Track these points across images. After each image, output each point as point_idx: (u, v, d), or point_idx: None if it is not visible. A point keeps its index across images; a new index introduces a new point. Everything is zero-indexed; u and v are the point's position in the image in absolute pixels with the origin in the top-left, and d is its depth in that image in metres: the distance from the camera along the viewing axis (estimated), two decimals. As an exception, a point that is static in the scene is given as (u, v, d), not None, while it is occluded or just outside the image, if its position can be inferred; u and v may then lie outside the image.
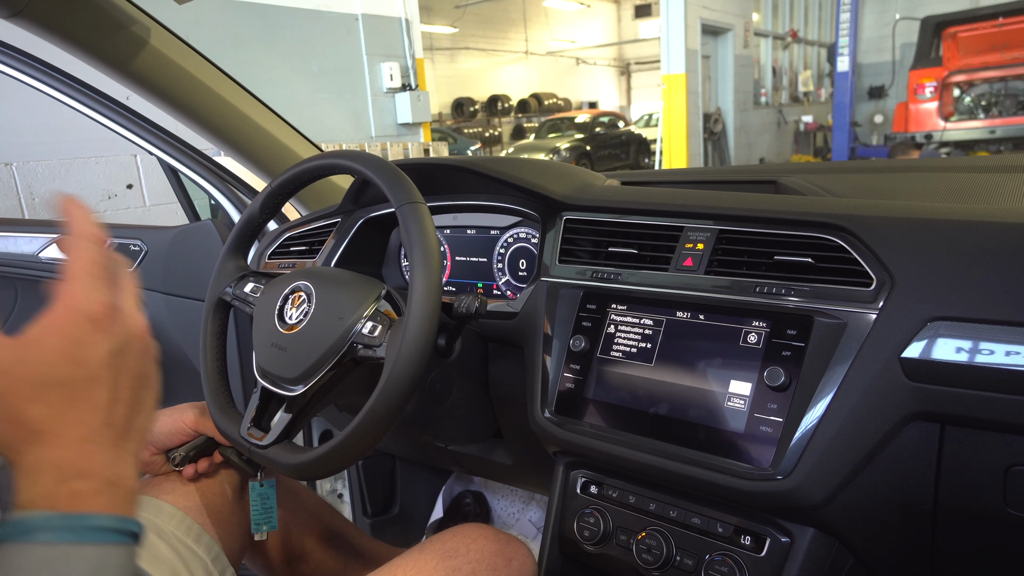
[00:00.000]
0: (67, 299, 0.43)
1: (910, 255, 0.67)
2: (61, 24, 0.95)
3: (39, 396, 0.40)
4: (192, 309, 1.44)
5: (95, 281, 0.44)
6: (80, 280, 0.43)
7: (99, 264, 0.44)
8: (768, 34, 11.81)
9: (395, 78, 5.66)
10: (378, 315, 0.81)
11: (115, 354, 0.44)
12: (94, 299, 0.43)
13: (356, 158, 0.86)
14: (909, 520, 0.68)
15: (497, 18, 16.17)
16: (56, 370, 0.41)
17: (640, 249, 0.85)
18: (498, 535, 0.89)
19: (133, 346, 0.46)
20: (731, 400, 0.72)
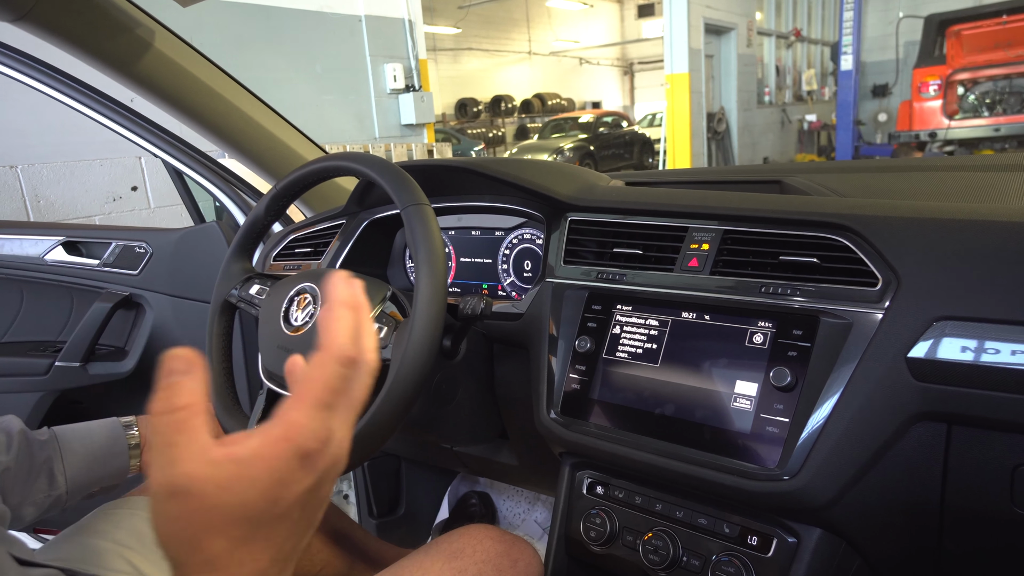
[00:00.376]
0: (286, 429, 0.36)
1: (916, 255, 0.67)
2: (66, 27, 0.95)
3: (225, 530, 0.35)
4: (197, 310, 1.44)
5: (321, 410, 0.37)
6: (306, 406, 0.37)
7: (336, 391, 0.38)
8: (771, 33, 11.78)
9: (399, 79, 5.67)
10: (384, 317, 0.81)
11: (312, 491, 0.38)
12: (313, 436, 0.37)
13: (361, 160, 0.86)
14: (915, 520, 0.67)
15: (500, 18, 16.18)
16: (252, 508, 0.36)
17: (645, 250, 0.85)
18: (504, 536, 0.89)
19: (331, 475, 0.40)
20: (737, 400, 0.72)
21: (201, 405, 0.36)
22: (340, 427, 0.39)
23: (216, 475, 0.35)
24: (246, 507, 0.35)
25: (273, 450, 0.36)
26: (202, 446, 0.35)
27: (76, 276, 1.49)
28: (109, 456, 0.87)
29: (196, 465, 0.34)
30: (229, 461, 0.35)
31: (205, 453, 0.35)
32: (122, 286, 1.48)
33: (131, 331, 1.53)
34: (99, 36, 1.00)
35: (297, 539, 0.40)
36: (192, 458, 0.34)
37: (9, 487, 0.75)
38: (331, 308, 0.39)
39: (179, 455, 0.34)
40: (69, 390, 1.43)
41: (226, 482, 0.35)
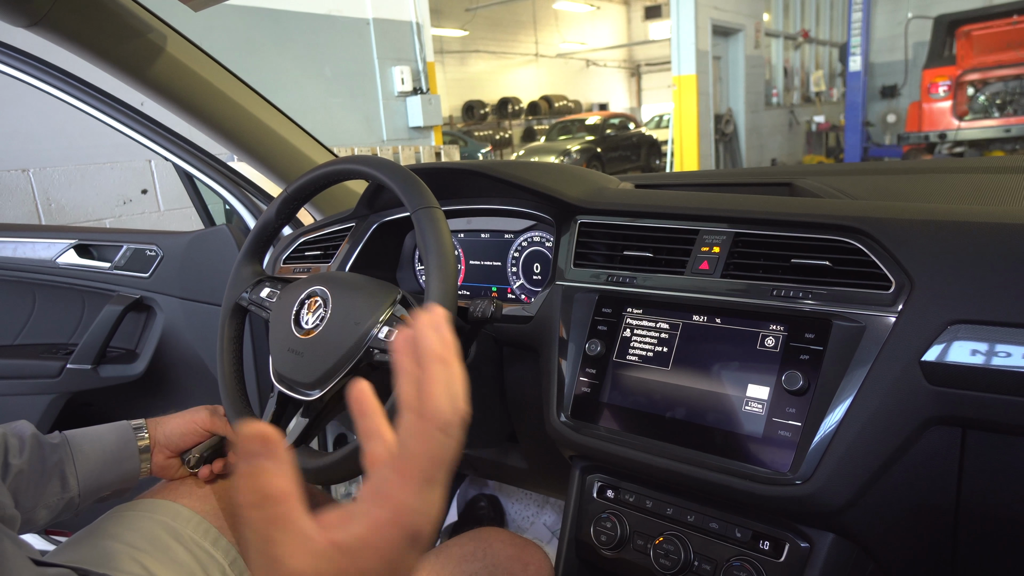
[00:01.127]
0: (396, 510, 0.33)
1: (929, 258, 0.66)
2: (79, 32, 0.96)
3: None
4: (208, 313, 1.45)
5: (431, 488, 0.34)
6: (416, 485, 0.34)
7: (440, 461, 0.35)
8: (779, 34, 11.75)
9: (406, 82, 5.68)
10: (394, 320, 0.81)
11: (412, 568, 0.36)
12: (424, 515, 0.34)
13: (372, 164, 0.86)
14: (930, 525, 0.67)
15: (507, 21, 16.20)
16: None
17: (655, 252, 0.85)
18: (515, 539, 0.89)
19: (418, 544, 0.36)
20: (749, 404, 0.71)
21: (296, 493, 0.32)
22: (440, 496, 0.36)
23: (324, 568, 0.32)
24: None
25: (383, 536, 0.33)
26: (304, 538, 0.32)
27: (87, 279, 1.50)
28: (120, 459, 0.88)
29: (302, 560, 0.32)
30: (336, 552, 0.32)
31: (309, 545, 0.32)
32: (133, 289, 1.49)
33: (142, 334, 1.54)
34: (111, 41, 1.01)
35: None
36: (296, 554, 0.32)
37: (22, 490, 0.76)
38: (426, 365, 0.35)
39: (282, 553, 0.31)
40: (80, 392, 1.44)
41: (335, 573, 0.32)
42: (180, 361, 1.51)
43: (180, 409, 0.97)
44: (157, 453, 0.92)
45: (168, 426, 0.93)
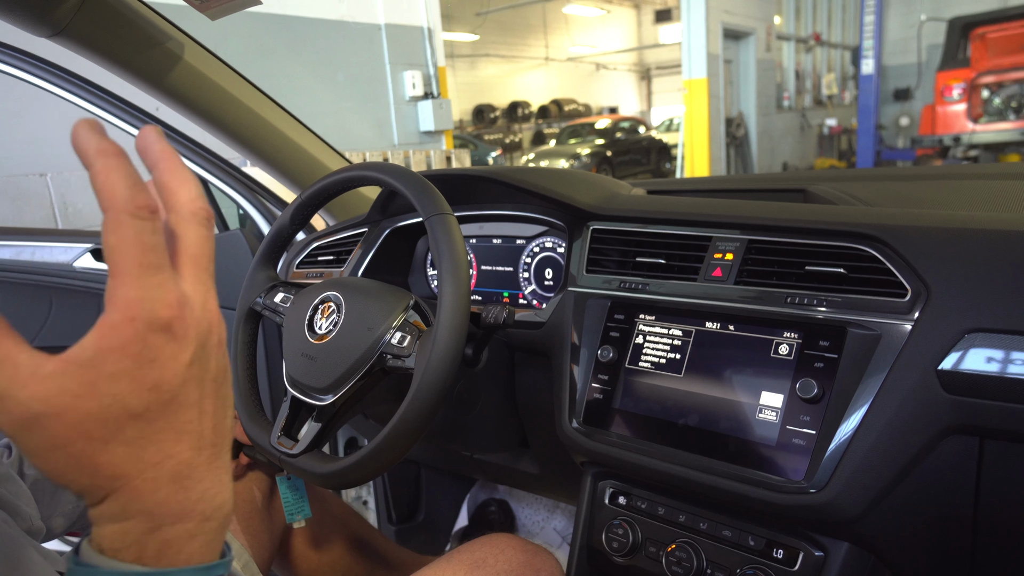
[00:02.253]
0: (124, 307, 0.31)
1: (946, 265, 0.66)
2: (99, 42, 0.97)
3: (112, 435, 0.31)
4: (222, 317, 1.46)
5: (154, 273, 0.32)
6: (134, 276, 0.31)
7: (153, 248, 0.32)
8: (791, 37, 11.70)
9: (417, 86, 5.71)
10: (407, 326, 0.81)
11: (193, 363, 0.34)
12: (161, 301, 0.32)
13: (385, 170, 0.87)
14: (948, 535, 0.66)
15: (517, 25, 16.24)
16: (127, 400, 0.31)
17: (668, 259, 0.85)
18: (526, 545, 0.89)
19: (210, 342, 0.35)
20: (762, 412, 0.71)
21: (5, 330, 0.30)
22: (192, 286, 0.34)
23: (64, 386, 0.30)
24: (122, 403, 0.31)
25: (119, 336, 0.31)
26: (27, 366, 0.30)
27: (104, 283, 1.51)
28: None
29: (33, 388, 0.29)
30: (73, 367, 0.30)
31: (37, 371, 0.30)
32: (148, 293, 1.50)
33: (156, 337, 1.56)
34: (131, 50, 1.02)
35: (215, 419, 0.36)
36: (22, 383, 0.29)
37: (38, 499, 0.76)
38: (90, 166, 0.32)
39: (5, 387, 0.29)
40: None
41: (81, 388, 0.30)
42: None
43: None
44: None
45: None
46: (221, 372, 0.37)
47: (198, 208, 0.36)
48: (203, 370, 0.35)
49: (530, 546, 0.90)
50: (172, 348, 0.33)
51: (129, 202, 0.31)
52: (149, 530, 0.33)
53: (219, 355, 0.37)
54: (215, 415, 0.36)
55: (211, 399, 0.36)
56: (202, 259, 0.36)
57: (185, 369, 0.33)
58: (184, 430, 0.34)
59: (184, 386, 0.34)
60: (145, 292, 0.31)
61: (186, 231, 0.35)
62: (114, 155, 0.32)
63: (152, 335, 0.32)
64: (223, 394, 0.37)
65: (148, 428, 0.32)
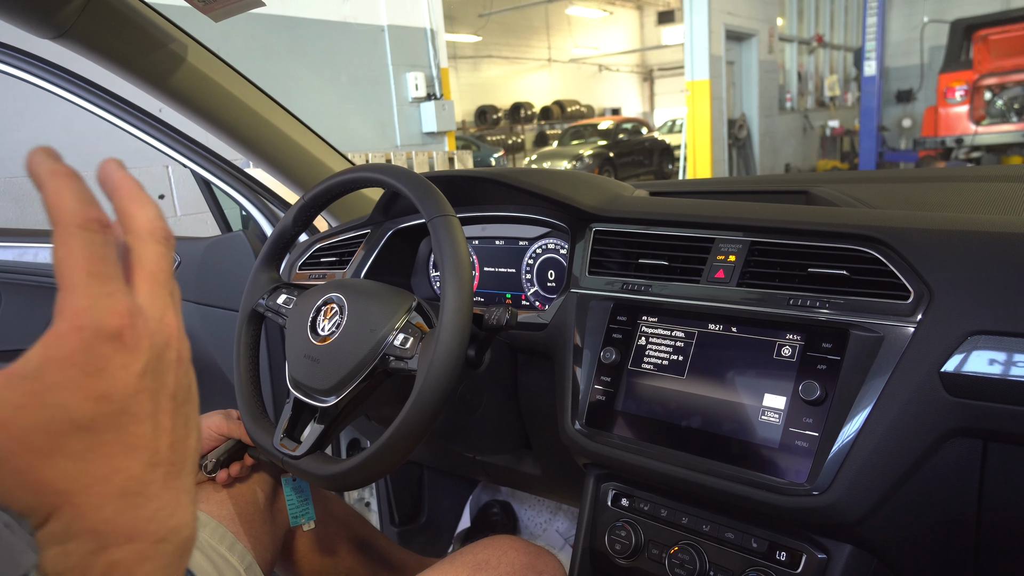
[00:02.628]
0: (71, 316, 0.30)
1: (948, 268, 0.66)
2: (103, 44, 0.98)
3: (56, 448, 0.30)
4: (224, 319, 1.46)
5: (102, 282, 0.31)
6: (81, 285, 0.31)
7: (101, 258, 0.32)
8: (793, 39, 11.70)
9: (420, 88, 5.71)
10: (410, 327, 0.81)
11: (146, 374, 0.33)
12: (108, 309, 0.31)
13: (388, 172, 0.87)
14: (951, 538, 0.66)
15: (520, 26, 16.25)
16: (73, 411, 0.30)
17: (671, 261, 0.85)
18: (529, 547, 0.89)
19: (167, 356, 0.35)
20: (765, 414, 0.71)
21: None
22: (149, 299, 0.34)
23: (6, 398, 0.29)
24: (67, 414, 0.30)
25: (65, 346, 0.30)
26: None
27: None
28: None
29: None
30: (16, 379, 0.30)
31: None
32: (151, 294, 1.50)
33: (159, 338, 1.56)
34: (134, 52, 1.03)
35: (173, 437, 0.35)
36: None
37: None
38: (42, 186, 0.32)
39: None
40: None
41: (23, 399, 0.29)
42: (196, 365, 1.50)
43: (197, 414, 0.98)
44: None
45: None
46: (182, 390, 0.36)
47: (156, 227, 0.36)
48: (158, 384, 0.34)
49: (533, 548, 0.90)
50: (122, 358, 0.32)
51: (77, 215, 0.31)
52: (93, 551, 0.31)
53: (179, 372, 0.36)
54: (173, 432, 0.35)
55: (168, 415, 0.35)
56: (159, 275, 0.35)
57: (136, 380, 0.32)
58: (135, 444, 0.33)
59: (135, 397, 0.32)
60: (93, 301, 0.31)
61: (143, 249, 0.35)
62: (65, 175, 0.32)
63: (100, 344, 0.31)
64: (184, 412, 0.36)
65: (95, 440, 0.31)
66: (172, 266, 0.36)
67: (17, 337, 1.56)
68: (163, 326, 0.35)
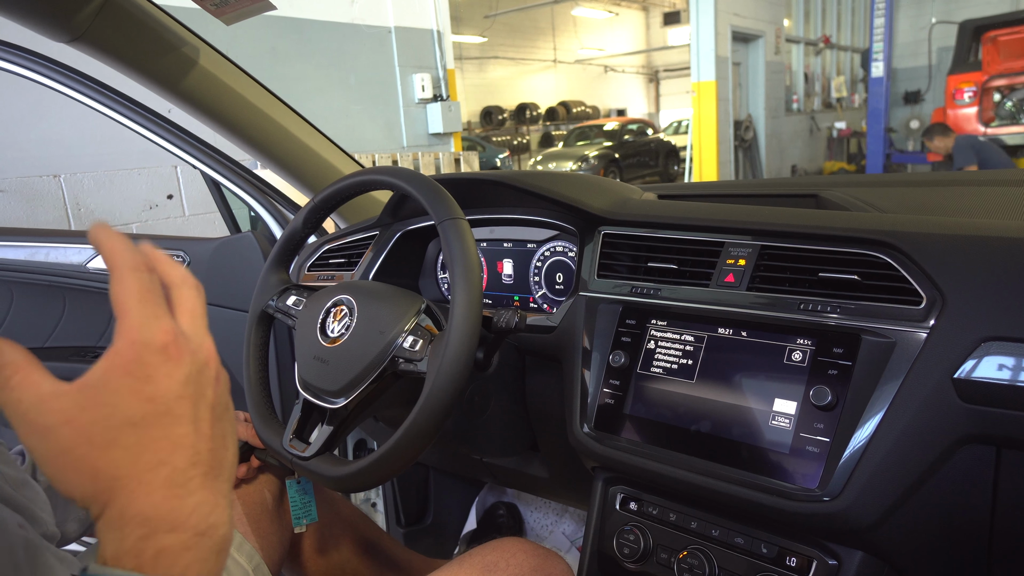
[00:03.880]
0: (126, 333, 0.38)
1: (961, 273, 0.65)
2: (117, 47, 0.98)
3: (111, 441, 0.36)
4: (233, 319, 1.47)
5: (151, 308, 0.39)
6: (135, 310, 0.38)
7: (149, 290, 0.39)
8: (800, 40, 11.65)
9: (426, 89, 5.72)
10: (419, 329, 0.81)
11: (188, 383, 0.39)
12: (155, 328, 0.38)
13: (398, 174, 0.87)
14: (963, 545, 0.66)
15: (526, 27, 16.25)
16: (126, 410, 0.37)
17: (680, 264, 0.85)
18: (537, 550, 0.89)
19: (206, 373, 0.41)
20: (775, 419, 0.71)
21: (27, 360, 0.36)
22: (190, 328, 0.41)
23: (75, 401, 0.36)
24: (121, 413, 0.36)
25: (122, 358, 0.37)
26: (50, 391, 0.36)
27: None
28: None
29: (50, 405, 0.36)
30: (85, 387, 0.36)
31: (56, 393, 0.36)
32: (160, 294, 1.51)
33: (167, 338, 1.57)
34: (147, 55, 1.03)
35: (213, 443, 0.41)
36: (44, 404, 0.36)
37: (53, 504, 0.77)
38: (99, 245, 0.41)
39: (20, 400, 0.35)
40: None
41: (87, 401, 0.36)
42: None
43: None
44: None
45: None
46: (220, 406, 0.42)
47: (188, 277, 0.44)
48: (198, 393, 0.40)
49: (541, 550, 0.90)
50: (167, 367, 0.38)
51: (128, 260, 0.39)
52: (144, 536, 0.36)
53: (217, 388, 0.42)
54: (212, 440, 0.41)
55: (207, 423, 0.41)
56: (196, 311, 0.43)
57: (180, 386, 0.39)
58: (179, 443, 0.39)
59: (178, 401, 0.39)
60: (144, 321, 0.38)
61: (182, 294, 0.43)
62: (117, 235, 0.40)
63: (149, 355, 0.38)
64: (222, 425, 0.42)
65: (144, 435, 0.37)
66: (205, 306, 0.44)
67: (29, 335, 1.56)
68: (202, 348, 0.42)
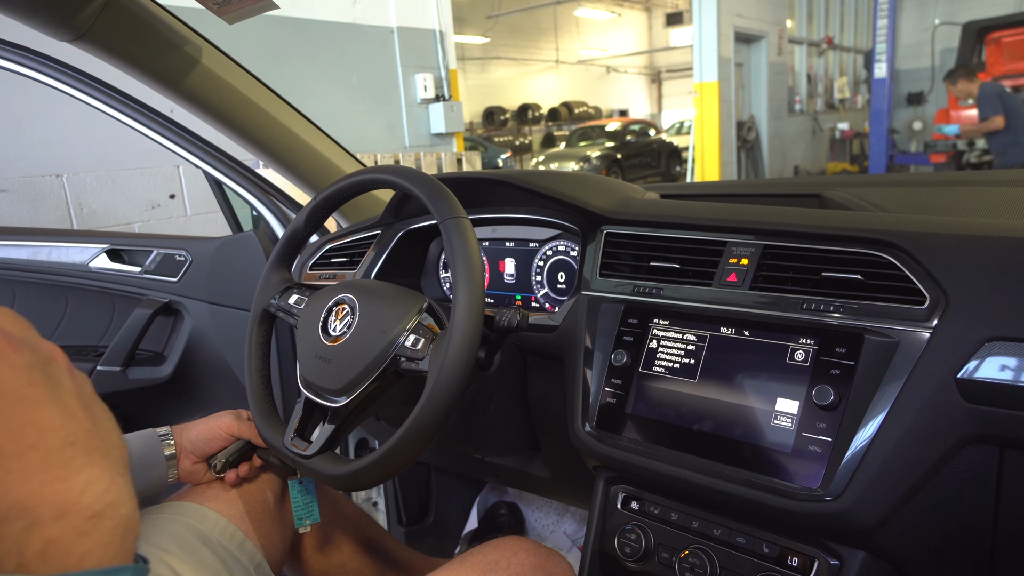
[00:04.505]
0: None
1: (965, 273, 0.65)
2: (119, 46, 0.98)
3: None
4: (234, 318, 1.47)
5: None
6: None
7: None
8: (803, 41, 11.64)
9: (429, 89, 5.72)
10: (421, 328, 0.81)
11: (34, 370, 0.36)
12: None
13: (400, 173, 0.87)
14: (966, 546, 0.66)
15: (528, 28, 16.26)
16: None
17: (682, 264, 0.85)
18: (538, 549, 0.89)
19: (54, 365, 0.38)
20: (777, 418, 0.71)
21: None
22: (17, 330, 0.38)
23: None
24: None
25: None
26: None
27: (118, 283, 1.53)
28: (146, 467, 0.89)
29: None
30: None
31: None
32: (162, 293, 1.51)
33: (169, 337, 1.57)
34: (150, 54, 1.03)
35: (90, 425, 0.37)
36: None
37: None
38: None
39: None
40: (109, 394, 1.47)
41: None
42: (207, 365, 1.54)
43: (206, 412, 0.99)
44: (183, 459, 0.93)
45: (193, 432, 0.94)
46: (87, 395, 0.39)
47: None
48: (52, 381, 0.37)
49: (543, 549, 0.90)
50: (3, 359, 0.35)
51: None
52: (26, 528, 0.32)
53: (76, 380, 0.39)
54: (89, 421, 0.37)
55: (77, 407, 0.37)
56: (19, 323, 0.40)
57: (25, 374, 0.35)
58: (47, 426, 0.35)
59: (30, 387, 0.35)
60: None
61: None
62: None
63: (30, 366, 0.35)
64: (97, 412, 0.39)
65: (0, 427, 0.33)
66: (25, 322, 0.41)
67: (30, 335, 1.57)
68: (41, 345, 0.39)
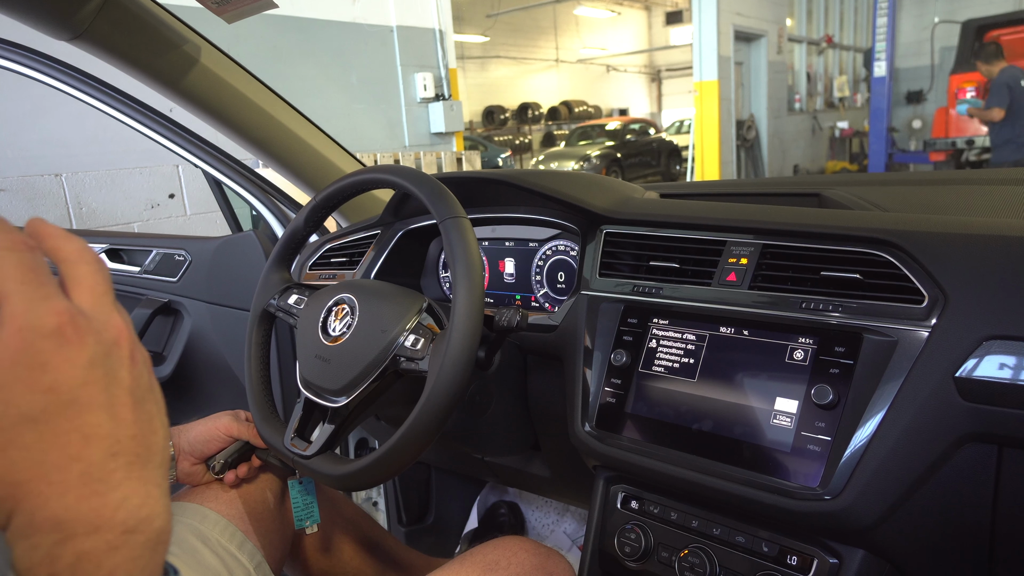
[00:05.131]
0: (10, 321, 0.32)
1: (964, 272, 0.65)
2: (118, 45, 0.98)
3: (7, 442, 0.31)
4: (234, 317, 1.47)
5: (35, 289, 0.33)
6: (16, 294, 0.32)
7: (32, 270, 0.33)
8: (802, 39, 11.64)
9: (428, 88, 5.72)
10: (420, 328, 0.81)
11: (94, 366, 0.34)
12: (44, 310, 0.33)
13: (400, 173, 0.87)
14: (965, 545, 0.66)
15: (527, 27, 16.25)
16: (20, 405, 0.31)
17: (682, 263, 0.85)
18: (539, 548, 0.89)
19: (116, 354, 0.36)
20: (777, 418, 0.71)
21: None
22: (92, 307, 0.36)
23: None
24: (16, 409, 0.31)
25: (10, 346, 0.32)
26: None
27: (117, 282, 1.53)
28: None
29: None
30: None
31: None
32: (161, 293, 1.51)
33: (169, 337, 1.57)
34: (148, 53, 1.03)
35: (136, 430, 0.36)
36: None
37: None
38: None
39: None
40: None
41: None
42: (206, 364, 1.54)
43: (206, 412, 0.99)
44: (182, 460, 0.93)
45: (192, 433, 0.94)
46: (141, 388, 0.37)
47: (86, 252, 0.37)
48: (109, 377, 0.35)
49: (543, 549, 0.90)
50: (65, 352, 0.33)
51: (2, 242, 0.33)
52: (59, 541, 0.32)
53: (134, 369, 0.37)
54: (135, 425, 0.36)
55: (127, 409, 0.36)
56: (98, 287, 0.37)
57: (83, 371, 0.34)
58: (93, 434, 0.34)
59: (85, 388, 0.34)
60: (29, 304, 0.32)
61: (75, 270, 0.37)
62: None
63: (40, 340, 0.32)
64: (147, 409, 0.37)
65: (48, 431, 0.32)
66: (109, 281, 0.38)
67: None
68: (108, 327, 0.36)
